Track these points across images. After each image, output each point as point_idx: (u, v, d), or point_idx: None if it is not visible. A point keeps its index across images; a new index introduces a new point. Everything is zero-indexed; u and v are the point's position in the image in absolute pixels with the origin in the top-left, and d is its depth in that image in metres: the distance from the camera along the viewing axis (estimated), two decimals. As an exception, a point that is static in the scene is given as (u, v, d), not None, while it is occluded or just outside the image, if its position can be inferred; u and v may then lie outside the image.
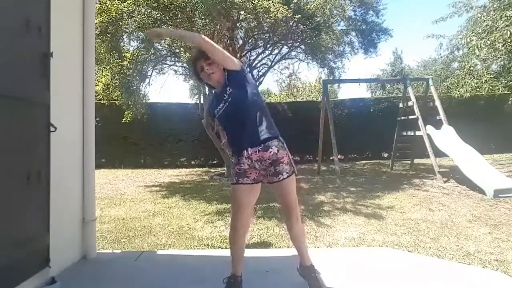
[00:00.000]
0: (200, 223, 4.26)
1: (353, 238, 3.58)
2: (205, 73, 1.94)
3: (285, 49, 9.48)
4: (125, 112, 8.67)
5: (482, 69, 7.39)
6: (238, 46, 8.64)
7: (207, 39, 1.85)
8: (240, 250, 2.00)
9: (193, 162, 11.29)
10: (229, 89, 1.89)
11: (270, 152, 1.85)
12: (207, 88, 8.88)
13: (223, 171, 8.76)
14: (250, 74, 1.99)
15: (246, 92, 1.88)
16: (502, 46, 6.33)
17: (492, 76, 7.67)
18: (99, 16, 6.09)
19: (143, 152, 11.01)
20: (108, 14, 6.23)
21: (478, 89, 7.48)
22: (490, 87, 7.67)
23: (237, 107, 1.87)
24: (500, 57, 7.05)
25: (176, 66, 9.40)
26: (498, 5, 6.70)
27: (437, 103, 7.71)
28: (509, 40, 6.20)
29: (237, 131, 1.89)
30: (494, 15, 6.59)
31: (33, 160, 1.93)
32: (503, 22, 6.28)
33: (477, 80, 7.35)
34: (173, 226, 4.11)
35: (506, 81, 8.47)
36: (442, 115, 7.54)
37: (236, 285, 1.97)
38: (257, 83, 9.13)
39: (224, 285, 1.96)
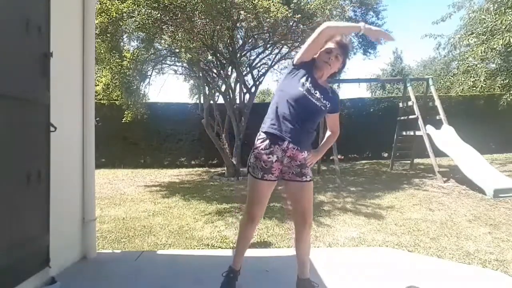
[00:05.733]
0: (200, 223, 4.26)
1: (353, 238, 3.59)
2: (329, 58, 1.85)
3: (285, 49, 9.48)
4: (125, 112, 8.67)
5: (480, 68, 7.41)
6: (238, 46, 8.64)
7: None
8: (247, 242, 2.04)
9: (193, 162, 11.28)
10: (327, 103, 1.89)
11: (303, 155, 1.88)
12: (206, 88, 8.90)
13: (223, 171, 8.76)
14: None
15: (325, 114, 1.96)
16: (502, 47, 6.36)
17: (488, 75, 7.68)
18: (99, 16, 6.09)
19: (143, 152, 11.00)
20: (108, 14, 6.23)
21: (474, 88, 7.51)
22: (484, 84, 7.69)
23: (316, 114, 1.90)
24: (497, 56, 7.08)
25: (176, 66, 9.41)
26: (498, 6, 6.71)
27: (437, 103, 7.71)
28: (508, 45, 6.24)
29: (298, 125, 1.83)
30: (494, 17, 6.61)
31: (33, 160, 1.92)
32: (504, 27, 6.30)
33: (474, 79, 7.37)
34: (173, 226, 4.11)
35: (502, 80, 8.45)
36: (442, 115, 7.55)
37: (234, 280, 2.01)
38: (257, 83, 9.14)
39: (223, 279, 2.01)
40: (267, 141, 1.85)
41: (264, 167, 1.86)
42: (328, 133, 2.13)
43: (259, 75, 9.31)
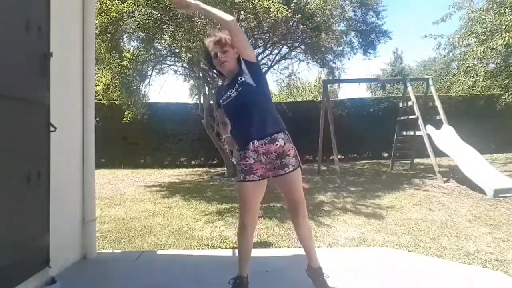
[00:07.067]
0: (200, 223, 4.26)
1: (353, 238, 3.58)
2: (219, 61, 1.92)
3: (285, 49, 9.48)
4: (125, 112, 8.67)
5: (480, 68, 7.43)
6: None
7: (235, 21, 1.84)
8: (247, 248, 2.00)
9: (193, 162, 11.28)
10: (241, 78, 1.87)
11: (277, 145, 1.83)
12: (206, 88, 8.90)
13: (223, 171, 8.76)
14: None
15: (258, 84, 1.88)
16: (501, 47, 6.37)
17: (487, 75, 7.69)
18: (99, 16, 6.09)
19: (143, 152, 11.01)
20: (108, 14, 6.23)
21: (474, 88, 7.53)
22: (484, 84, 7.70)
23: (248, 97, 1.86)
24: (497, 56, 7.09)
25: (176, 66, 9.42)
26: (497, 5, 6.72)
27: (437, 103, 7.71)
28: (507, 45, 6.25)
29: (244, 122, 1.86)
30: (493, 17, 6.62)
31: (33, 160, 1.92)
32: (504, 27, 6.31)
33: (474, 79, 7.39)
34: (173, 226, 4.11)
35: (502, 80, 8.47)
36: (442, 115, 7.55)
37: (242, 286, 1.96)
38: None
39: (229, 286, 1.96)
40: (239, 150, 1.91)
41: (244, 169, 1.88)
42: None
43: (259, 75, 9.29)
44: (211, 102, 8.90)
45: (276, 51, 9.28)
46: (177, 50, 7.57)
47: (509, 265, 2.74)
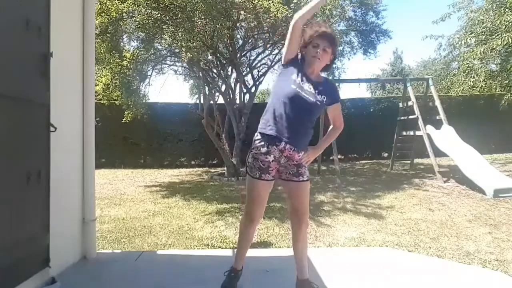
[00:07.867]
0: (200, 223, 4.26)
1: (353, 238, 3.59)
2: (316, 52, 1.86)
3: (285, 49, 9.46)
4: (125, 112, 8.67)
5: (480, 68, 7.43)
6: (238, 46, 8.64)
7: None
8: (248, 242, 2.04)
9: (193, 162, 11.28)
10: (324, 98, 1.88)
11: (299, 155, 1.89)
12: (206, 88, 8.89)
13: (223, 171, 8.76)
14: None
15: (322, 110, 1.98)
16: (501, 47, 6.37)
17: (488, 75, 7.70)
18: (99, 16, 6.09)
19: (143, 152, 11.00)
20: (108, 14, 6.23)
21: (474, 88, 7.53)
22: (484, 84, 7.70)
23: (314, 115, 1.93)
24: (497, 56, 7.09)
25: (176, 66, 9.41)
26: (497, 5, 6.72)
27: (437, 103, 7.71)
28: (507, 46, 6.26)
29: (295, 126, 1.85)
30: (493, 17, 6.62)
31: (33, 160, 1.92)
32: (504, 27, 6.31)
33: (474, 79, 7.40)
34: (173, 226, 4.11)
35: (502, 80, 8.47)
36: (442, 115, 7.55)
37: (236, 279, 2.01)
38: (257, 83, 9.14)
39: (224, 278, 2.01)
40: (264, 142, 1.87)
41: (262, 166, 1.88)
42: (330, 127, 2.08)
43: (259, 75, 9.31)
44: (211, 102, 8.91)
45: (276, 51, 9.28)
46: (177, 50, 7.57)
47: (509, 265, 2.74)
